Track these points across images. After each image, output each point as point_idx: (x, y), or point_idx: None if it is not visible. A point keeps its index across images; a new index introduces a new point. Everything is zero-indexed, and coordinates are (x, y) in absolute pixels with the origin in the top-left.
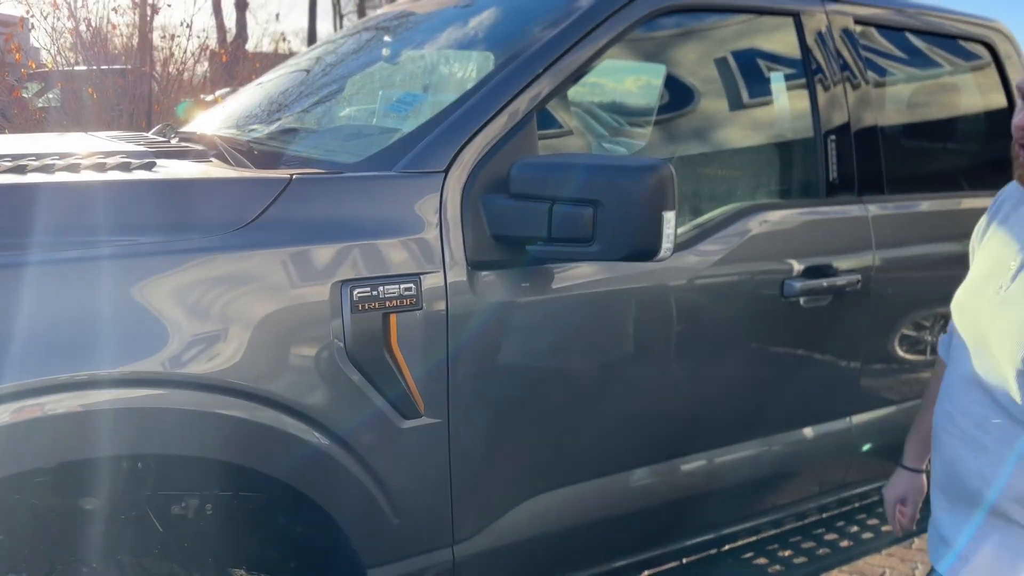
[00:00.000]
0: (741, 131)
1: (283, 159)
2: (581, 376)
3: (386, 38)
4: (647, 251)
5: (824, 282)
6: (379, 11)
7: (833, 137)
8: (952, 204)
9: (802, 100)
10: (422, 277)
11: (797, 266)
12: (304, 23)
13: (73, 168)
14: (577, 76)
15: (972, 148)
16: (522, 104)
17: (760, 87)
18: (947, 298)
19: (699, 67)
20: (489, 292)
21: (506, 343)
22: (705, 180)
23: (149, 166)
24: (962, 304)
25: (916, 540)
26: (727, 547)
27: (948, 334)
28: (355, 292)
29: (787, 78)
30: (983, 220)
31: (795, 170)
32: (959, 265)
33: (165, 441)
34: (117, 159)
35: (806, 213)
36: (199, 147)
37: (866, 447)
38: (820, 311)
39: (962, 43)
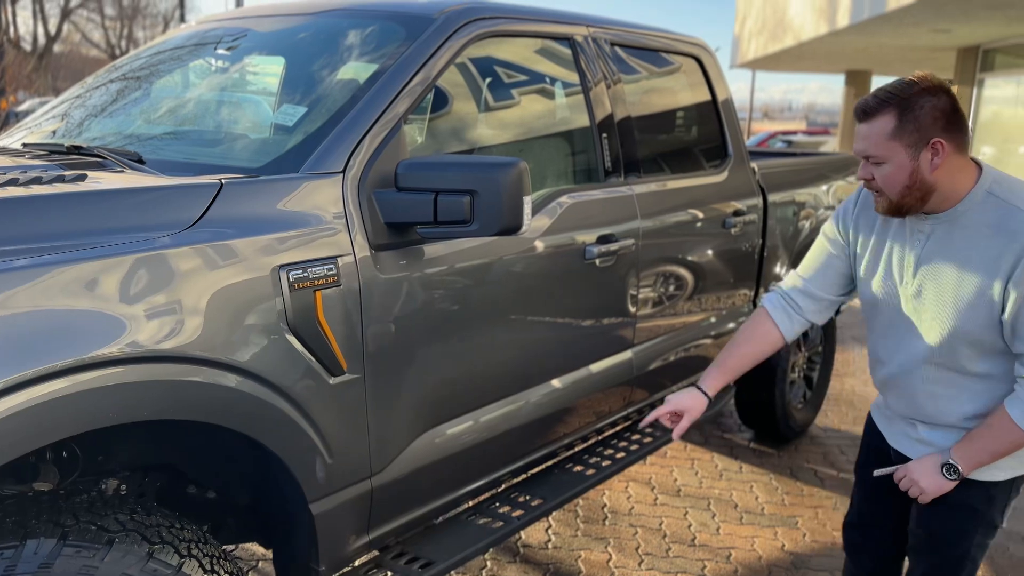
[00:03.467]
0: (545, 130)
1: (181, 166)
2: (456, 330)
3: (223, 51)
4: (514, 227)
5: (611, 246)
6: (211, 22)
7: (604, 134)
8: (685, 182)
9: (581, 105)
10: (338, 259)
11: (592, 235)
12: None
13: (14, 182)
14: (428, 89)
15: (693, 139)
16: (392, 114)
17: (553, 96)
18: (687, 252)
19: (511, 80)
20: (388, 268)
21: (403, 308)
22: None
23: (81, 178)
24: (872, 302)
25: (669, 450)
26: (552, 461)
27: (775, 293)
28: (291, 274)
29: (571, 88)
30: (847, 217)
31: (583, 161)
32: (694, 228)
33: (150, 408)
34: (42, 173)
35: (594, 194)
36: (91, 158)
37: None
38: (609, 269)
39: (681, 57)
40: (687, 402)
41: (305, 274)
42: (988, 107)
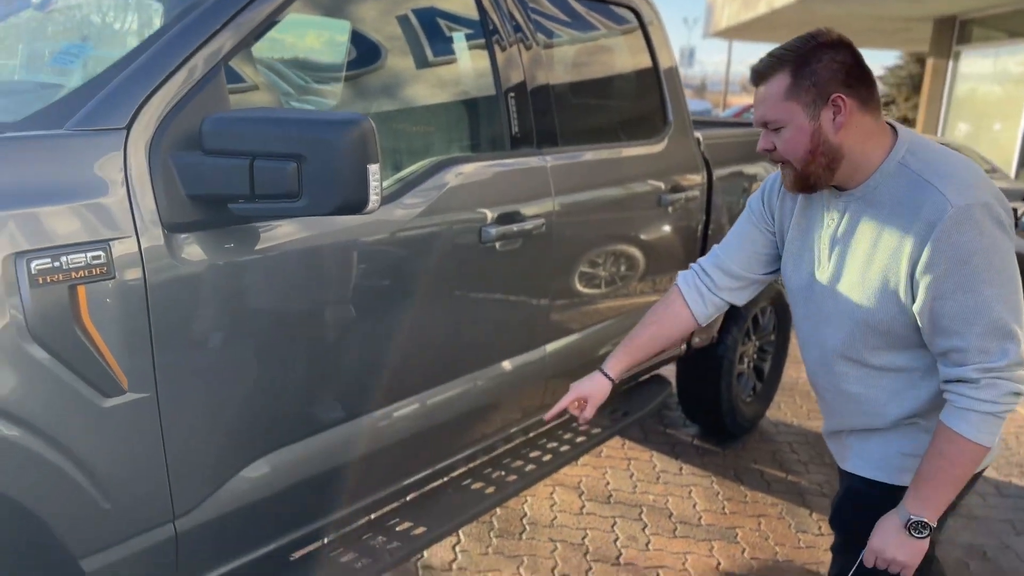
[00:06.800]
0: (432, 88)
1: None
2: (295, 335)
3: None
4: (356, 204)
5: (515, 227)
6: None
7: (512, 94)
8: (613, 153)
9: (484, 60)
10: (112, 243)
11: (491, 213)
12: None
13: None
14: (262, 30)
15: (625, 103)
16: (207, 57)
17: (445, 46)
18: (613, 234)
19: (387, 26)
20: (190, 255)
21: (214, 308)
22: (402, 136)
23: None
24: (794, 290)
25: (604, 449)
26: (447, 478)
27: (690, 269)
28: (32, 264)
29: (469, 38)
30: (773, 192)
31: (483, 125)
32: (622, 206)
33: None
34: None
35: (495, 165)
36: None
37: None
38: (513, 253)
39: (614, 9)
40: (587, 388)
41: (56, 264)
42: (964, 82)
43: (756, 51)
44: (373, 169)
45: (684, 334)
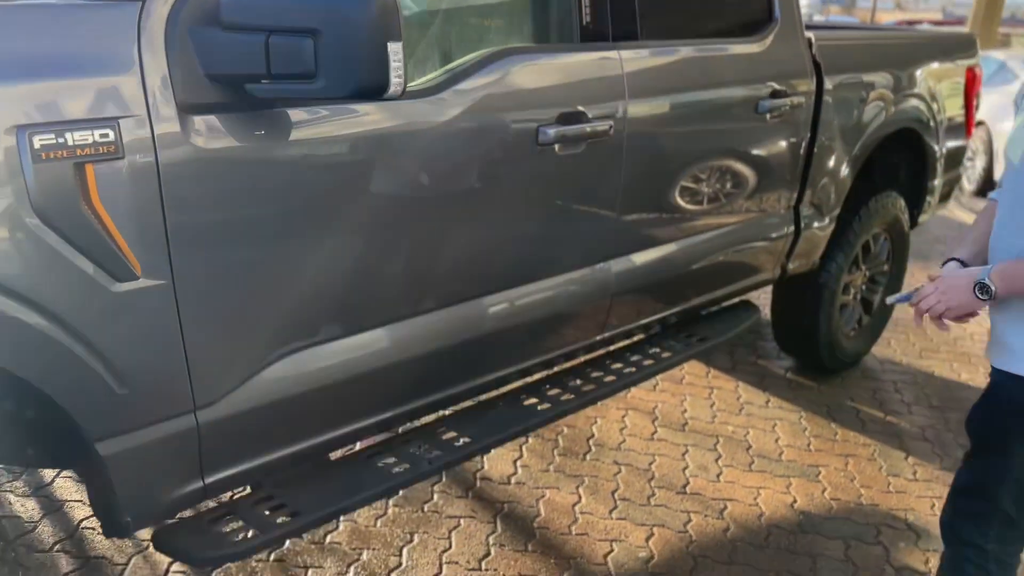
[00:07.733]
0: None
1: None
2: (318, 231)
3: None
4: (375, 87)
5: (578, 128)
6: None
7: None
8: (703, 51)
9: None
10: (121, 122)
11: (551, 112)
12: None
13: None
14: None
15: None
16: None
17: None
18: (697, 143)
19: None
20: (208, 139)
21: (235, 194)
22: (456, 23)
23: None
24: (1013, 169)
25: (686, 375)
26: (502, 390)
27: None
28: (36, 139)
29: None
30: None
31: (549, 14)
32: (710, 111)
33: None
34: None
35: (560, 59)
36: None
37: None
38: (575, 158)
39: None
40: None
41: (60, 140)
42: None
43: None
44: (394, 48)
45: None
